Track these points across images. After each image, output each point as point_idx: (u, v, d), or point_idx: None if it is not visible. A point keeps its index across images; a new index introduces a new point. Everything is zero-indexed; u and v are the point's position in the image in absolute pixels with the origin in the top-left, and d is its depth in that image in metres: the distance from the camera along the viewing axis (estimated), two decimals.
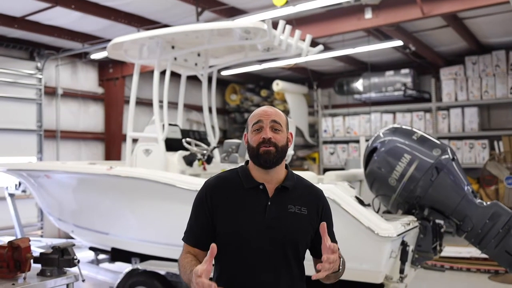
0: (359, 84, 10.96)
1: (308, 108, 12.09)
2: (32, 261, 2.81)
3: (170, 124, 5.70)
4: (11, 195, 6.94)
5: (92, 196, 5.41)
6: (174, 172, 5.13)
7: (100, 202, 5.35)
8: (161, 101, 5.71)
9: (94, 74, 10.61)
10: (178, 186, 4.50)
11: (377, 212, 4.30)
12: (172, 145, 5.55)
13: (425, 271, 6.09)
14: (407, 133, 4.46)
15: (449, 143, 9.46)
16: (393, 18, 6.93)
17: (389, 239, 3.62)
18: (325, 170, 9.50)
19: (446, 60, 10.19)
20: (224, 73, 10.79)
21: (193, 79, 6.92)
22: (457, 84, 9.84)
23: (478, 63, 9.61)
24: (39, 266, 2.89)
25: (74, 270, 2.99)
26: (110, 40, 5.81)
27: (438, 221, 4.27)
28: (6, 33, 8.53)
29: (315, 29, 7.23)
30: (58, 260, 2.89)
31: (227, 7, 7.38)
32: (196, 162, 5.49)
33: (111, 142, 10.57)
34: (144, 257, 5.01)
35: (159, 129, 5.47)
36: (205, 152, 5.62)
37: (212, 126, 6.44)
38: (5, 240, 3.03)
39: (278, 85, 11.06)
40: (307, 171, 7.55)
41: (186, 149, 5.52)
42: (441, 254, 4.76)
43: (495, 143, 9.28)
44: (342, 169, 9.21)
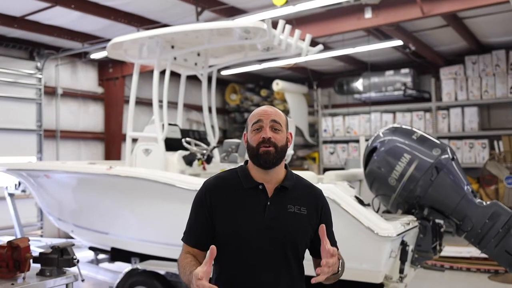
0: (359, 84, 10.97)
1: (308, 108, 12.09)
2: (32, 261, 2.81)
3: (170, 124, 5.70)
4: (11, 195, 6.94)
5: (92, 196, 5.41)
6: (174, 172, 5.13)
7: (100, 202, 5.35)
8: (161, 101, 5.70)
9: (94, 74, 10.61)
10: (178, 186, 4.50)
11: (377, 212, 4.29)
12: (172, 145, 5.55)
13: (425, 271, 6.09)
14: (407, 133, 4.45)
15: (449, 143, 9.46)
16: (393, 18, 6.93)
17: (389, 239, 3.61)
18: (325, 170, 9.51)
19: (446, 60, 10.19)
20: (224, 73, 10.79)
21: (193, 79, 6.92)
22: (457, 84, 9.83)
23: (478, 63, 9.61)
24: (39, 266, 2.89)
25: (74, 270, 2.99)
26: (110, 40, 5.81)
27: (438, 221, 4.27)
28: (6, 33, 8.52)
29: (315, 29, 7.23)
30: (58, 260, 2.89)
31: (227, 7, 7.39)
32: (196, 162, 5.49)
33: (111, 142, 10.57)
34: (144, 257, 5.01)
35: (159, 129, 5.46)
36: (205, 152, 5.62)
37: (212, 126, 6.44)
38: (5, 240, 3.02)
39: (278, 85, 11.06)
40: (307, 171, 7.55)
41: (186, 149, 5.52)
42: (441, 254, 4.76)
43: (495, 143, 9.28)
44: (342, 169, 9.20)
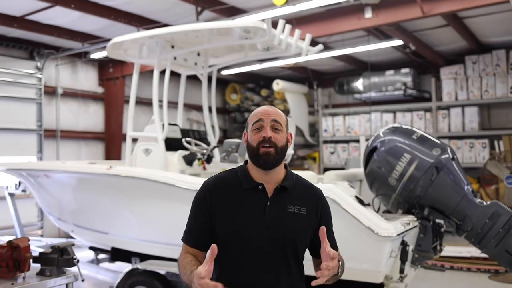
0: (359, 84, 10.96)
1: (308, 108, 12.08)
2: (32, 261, 2.81)
3: (170, 124, 5.69)
4: (11, 195, 6.94)
5: (92, 196, 5.41)
6: (174, 172, 5.13)
7: (100, 202, 5.35)
8: (161, 101, 5.70)
9: (94, 74, 10.61)
10: (178, 186, 4.49)
11: (377, 212, 4.29)
12: (172, 145, 5.55)
13: (425, 271, 6.11)
14: (407, 133, 4.45)
15: (450, 143, 9.46)
16: (393, 18, 6.92)
17: (389, 239, 3.61)
18: (326, 170, 9.51)
19: (446, 60, 10.19)
20: (224, 73, 10.79)
21: (193, 79, 6.91)
22: (457, 84, 9.83)
23: (478, 63, 9.60)
24: (39, 266, 2.89)
25: (74, 270, 2.99)
26: (110, 40, 5.81)
27: (438, 221, 4.26)
28: (6, 33, 8.52)
29: (315, 29, 7.23)
30: (58, 260, 2.89)
31: (227, 7, 7.38)
32: (196, 162, 5.49)
33: (111, 142, 10.57)
34: (144, 257, 5.01)
35: (159, 129, 5.46)
36: (205, 152, 5.62)
37: (212, 126, 6.43)
38: (5, 240, 3.02)
39: (278, 85, 11.05)
40: (307, 171, 7.55)
41: (186, 149, 5.52)
42: (441, 254, 4.76)
43: (495, 143, 9.27)
44: (343, 169, 9.20)
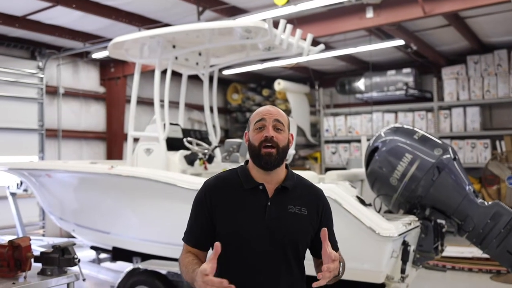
0: (361, 84, 10.95)
1: (310, 108, 12.08)
2: (33, 260, 2.81)
3: (171, 124, 5.70)
4: (13, 194, 6.96)
5: (94, 195, 5.41)
6: (175, 172, 5.13)
7: (102, 201, 5.35)
8: (162, 101, 5.70)
9: (96, 74, 10.62)
10: (179, 186, 4.49)
11: (378, 212, 4.29)
12: (173, 145, 5.55)
13: (427, 271, 6.10)
14: (408, 133, 4.44)
15: (451, 143, 9.45)
16: (395, 17, 6.91)
17: (390, 239, 3.60)
18: (327, 170, 9.49)
19: (448, 60, 10.17)
20: (226, 73, 10.78)
21: (194, 79, 6.92)
22: (459, 84, 9.81)
23: (480, 63, 9.58)
24: (40, 265, 2.89)
25: (75, 269, 2.99)
26: (111, 40, 5.81)
27: (440, 221, 4.25)
28: (7, 32, 8.53)
29: (317, 29, 7.22)
30: (59, 259, 2.89)
31: (228, 6, 7.38)
32: (197, 162, 5.49)
33: (113, 142, 10.57)
34: (145, 257, 5.01)
35: (160, 129, 5.47)
36: (206, 152, 5.62)
37: (214, 126, 6.43)
38: (6, 239, 3.03)
39: (280, 85, 11.04)
40: (309, 171, 7.55)
41: (187, 149, 5.52)
42: (443, 254, 4.75)
43: (497, 143, 9.26)
44: (344, 169, 9.19)
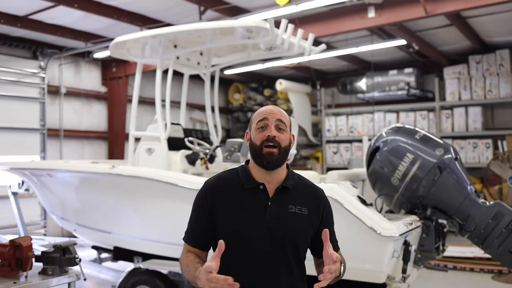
0: (363, 83, 10.94)
1: (311, 107, 12.07)
2: (34, 260, 2.81)
3: (173, 123, 5.70)
4: (14, 194, 6.97)
5: (95, 195, 5.42)
6: (177, 171, 5.12)
7: (103, 201, 5.35)
8: (164, 100, 5.70)
9: (97, 73, 10.63)
10: (181, 185, 4.49)
11: (380, 212, 4.28)
12: (175, 144, 5.55)
13: (428, 271, 6.09)
14: (410, 133, 4.43)
15: (453, 143, 9.44)
16: (396, 17, 6.91)
17: (392, 239, 3.60)
18: (328, 170, 9.48)
19: (450, 59, 10.16)
20: (227, 72, 10.78)
21: (196, 78, 6.92)
22: (461, 84, 9.80)
23: (482, 62, 9.57)
24: (41, 265, 2.89)
25: (76, 269, 2.99)
26: (113, 39, 5.81)
27: (441, 221, 4.24)
28: (9, 32, 8.54)
29: (318, 28, 7.22)
30: (60, 259, 2.89)
31: (230, 6, 7.39)
32: (199, 161, 5.49)
33: (114, 141, 10.59)
34: (147, 256, 5.01)
35: (162, 128, 5.47)
36: (208, 151, 5.62)
37: (215, 125, 6.43)
38: (7, 239, 3.03)
39: (281, 84, 11.04)
40: (310, 171, 7.54)
41: (189, 148, 5.52)
42: (444, 254, 4.73)
43: (499, 143, 9.26)
44: (346, 169, 9.19)
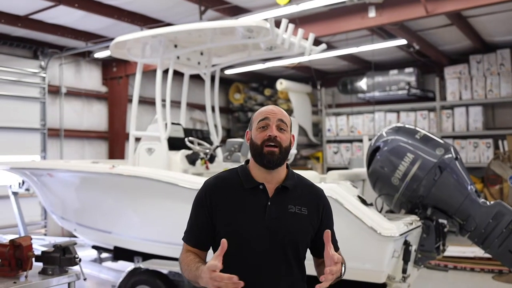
0: (363, 83, 10.94)
1: (312, 107, 12.07)
2: (34, 260, 2.81)
3: (173, 123, 5.70)
4: (15, 194, 6.97)
5: (95, 195, 5.42)
6: (177, 171, 5.13)
7: (103, 201, 5.35)
8: (164, 100, 5.70)
9: (98, 73, 10.63)
10: (181, 185, 4.49)
11: (380, 212, 4.28)
12: (175, 144, 5.55)
13: (429, 271, 6.08)
14: (410, 132, 4.43)
15: (453, 142, 9.44)
16: (397, 17, 6.90)
17: (392, 239, 3.60)
18: (329, 169, 9.49)
19: (450, 59, 10.15)
20: (228, 72, 10.77)
21: (196, 78, 6.91)
22: (462, 83, 9.79)
23: (483, 62, 9.56)
24: (41, 265, 2.89)
25: (76, 269, 2.99)
26: (113, 39, 5.81)
27: (441, 221, 4.24)
28: (10, 32, 8.54)
29: (319, 28, 7.22)
30: (60, 259, 2.89)
31: (230, 6, 7.39)
32: (199, 161, 5.49)
33: (115, 141, 10.59)
34: (147, 256, 5.01)
35: (162, 128, 5.47)
36: (208, 151, 5.62)
37: (215, 125, 6.43)
38: (7, 239, 3.03)
39: (282, 84, 11.03)
40: (310, 170, 7.54)
41: (189, 148, 5.52)
42: (445, 254, 4.73)
43: (500, 142, 9.24)
44: (346, 168, 9.19)
